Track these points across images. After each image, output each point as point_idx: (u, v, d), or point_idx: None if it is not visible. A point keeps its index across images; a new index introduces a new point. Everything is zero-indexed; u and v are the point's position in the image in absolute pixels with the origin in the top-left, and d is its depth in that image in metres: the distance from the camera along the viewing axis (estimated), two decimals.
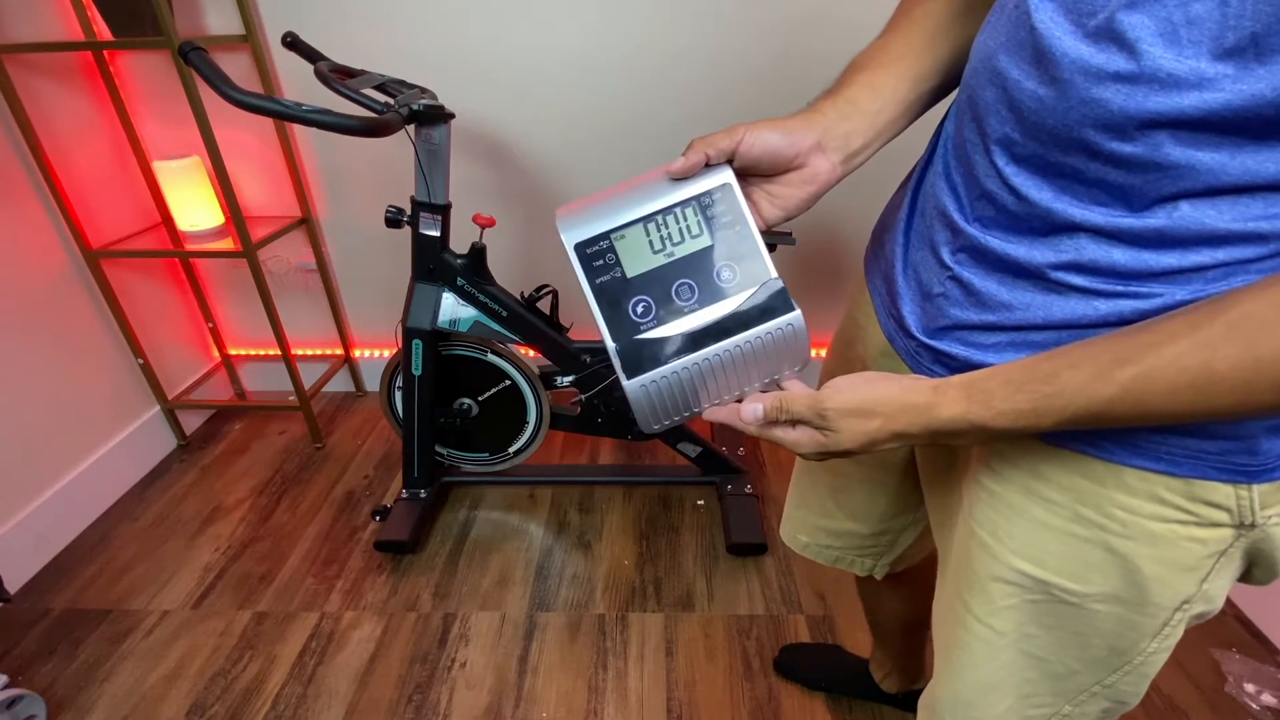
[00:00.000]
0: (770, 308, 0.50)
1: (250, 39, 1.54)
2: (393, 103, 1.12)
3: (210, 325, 1.97)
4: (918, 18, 0.58)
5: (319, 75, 1.08)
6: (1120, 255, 0.41)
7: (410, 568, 1.46)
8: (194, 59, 0.98)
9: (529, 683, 1.22)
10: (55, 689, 1.21)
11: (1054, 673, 0.54)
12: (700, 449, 1.59)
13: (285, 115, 0.98)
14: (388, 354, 2.05)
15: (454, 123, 1.24)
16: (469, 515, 1.61)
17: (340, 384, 2.08)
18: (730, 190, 0.52)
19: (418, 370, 1.40)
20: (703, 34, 1.56)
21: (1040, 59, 0.41)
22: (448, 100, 1.24)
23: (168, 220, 1.75)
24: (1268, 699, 1.16)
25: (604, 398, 1.47)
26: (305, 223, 1.80)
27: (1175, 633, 0.50)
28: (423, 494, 1.57)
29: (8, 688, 1.10)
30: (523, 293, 1.40)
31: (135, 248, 1.63)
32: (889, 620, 1.01)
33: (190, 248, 1.65)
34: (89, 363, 1.60)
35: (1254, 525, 0.44)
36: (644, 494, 1.66)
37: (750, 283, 0.51)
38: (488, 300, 1.34)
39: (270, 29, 1.56)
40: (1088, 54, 0.38)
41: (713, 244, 0.51)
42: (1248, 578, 0.50)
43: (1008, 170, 0.45)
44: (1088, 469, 0.47)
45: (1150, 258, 0.41)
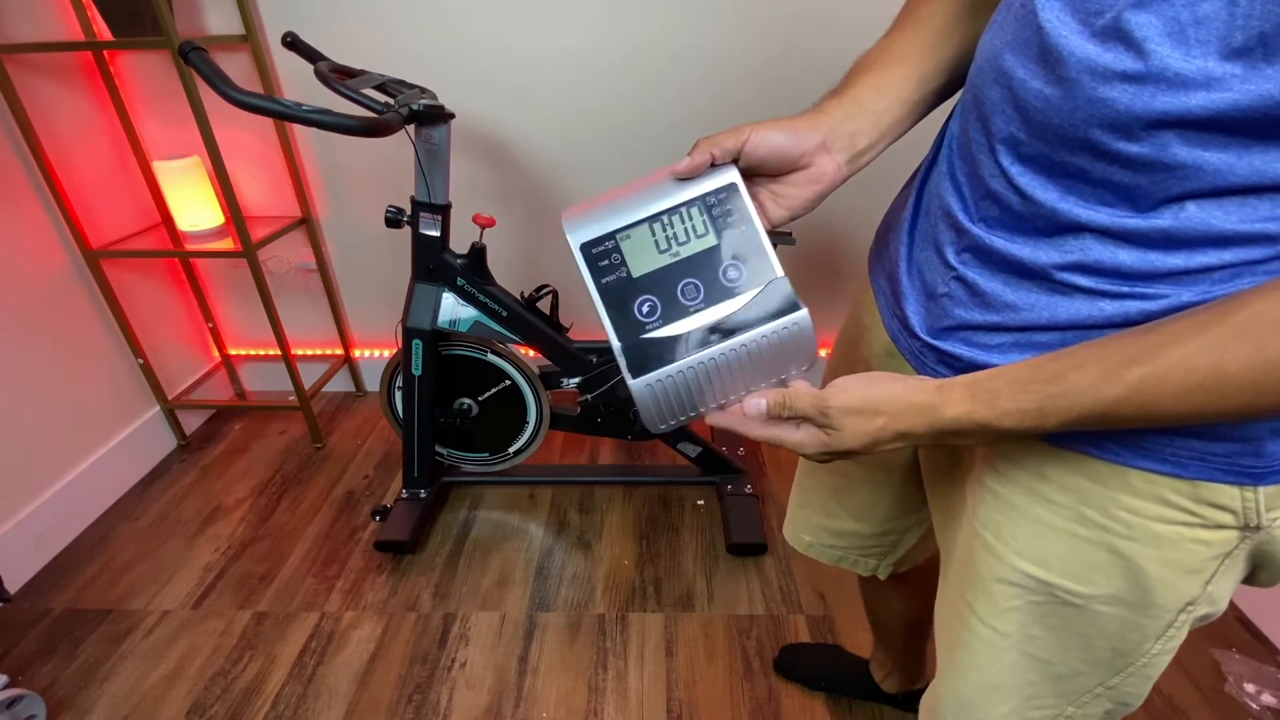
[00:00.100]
0: (777, 306, 0.50)
1: (250, 39, 1.54)
2: (393, 103, 1.12)
3: (210, 325, 1.97)
4: (923, 17, 0.57)
5: (319, 75, 1.08)
6: (1126, 256, 0.41)
7: (410, 568, 1.46)
8: (194, 59, 0.98)
9: (529, 683, 1.22)
10: (55, 689, 1.21)
11: (1057, 674, 0.54)
12: (700, 449, 1.59)
13: (285, 115, 0.98)
14: (388, 354, 2.04)
15: (454, 123, 1.24)
16: (469, 515, 1.61)
17: (340, 384, 2.08)
18: (736, 190, 0.51)
19: (418, 370, 1.40)
20: (703, 34, 1.56)
21: (1046, 58, 0.41)
22: (448, 100, 1.24)
23: (168, 220, 1.75)
24: (1268, 699, 1.16)
25: (604, 398, 1.47)
26: (305, 223, 1.80)
27: (1179, 634, 0.50)
28: (423, 494, 1.57)
29: (8, 688, 1.10)
30: (523, 293, 1.40)
31: (135, 248, 1.63)
32: (891, 620, 1.01)
33: (190, 248, 1.65)
34: (89, 363, 1.60)
35: (1259, 527, 0.44)
36: (644, 494, 1.66)
37: (756, 282, 0.50)
38: (488, 300, 1.34)
39: (270, 29, 1.56)
40: (1094, 53, 0.38)
41: (718, 243, 0.51)
42: (1252, 580, 0.50)
43: (1013, 170, 0.45)
44: (1092, 470, 0.47)
45: (1156, 259, 0.40)
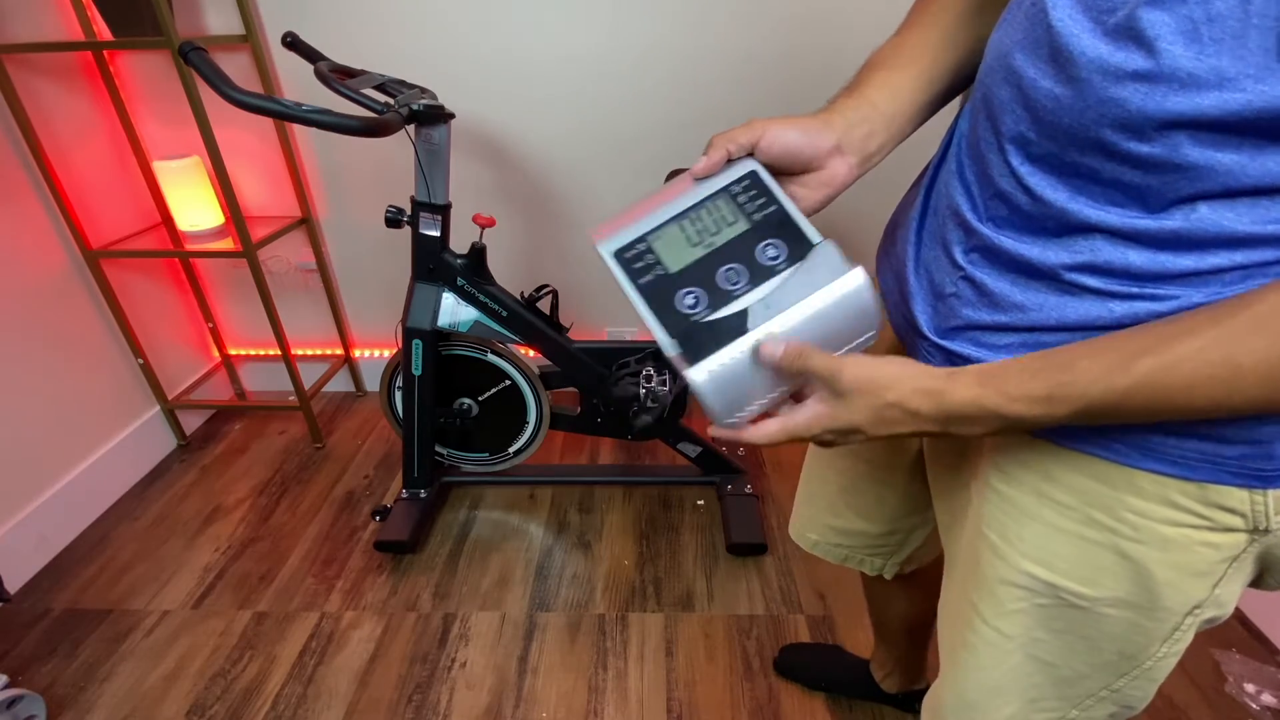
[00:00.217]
0: (826, 271, 0.47)
1: (250, 39, 1.54)
2: (393, 103, 1.12)
3: (210, 325, 1.97)
4: (935, 13, 0.57)
5: (319, 75, 1.08)
6: (1136, 257, 0.41)
7: (410, 568, 1.46)
8: (194, 59, 0.98)
9: (529, 683, 1.22)
10: (55, 689, 1.21)
11: (1061, 677, 0.54)
12: (700, 449, 1.59)
13: (285, 115, 0.98)
14: (388, 354, 2.04)
15: (454, 123, 1.24)
16: (469, 515, 1.61)
17: (340, 384, 2.08)
18: (757, 175, 0.51)
19: (418, 370, 1.40)
20: (704, 34, 1.56)
21: (1057, 57, 0.41)
22: (447, 100, 1.24)
23: (168, 220, 1.75)
24: (1268, 699, 1.16)
25: (604, 398, 1.47)
26: (305, 223, 1.80)
27: (1185, 638, 0.50)
28: (423, 494, 1.57)
29: (8, 688, 1.10)
30: (523, 293, 1.40)
31: (135, 248, 1.63)
32: (894, 620, 1.00)
33: (190, 248, 1.65)
34: (89, 363, 1.60)
35: (1268, 531, 0.44)
36: (644, 494, 1.66)
37: (799, 255, 0.48)
38: (488, 300, 1.34)
39: (270, 29, 1.56)
40: (1106, 52, 0.38)
41: (751, 227, 0.50)
42: (1259, 583, 0.49)
43: (1022, 170, 0.45)
44: (1099, 472, 0.46)
45: (1167, 260, 0.40)
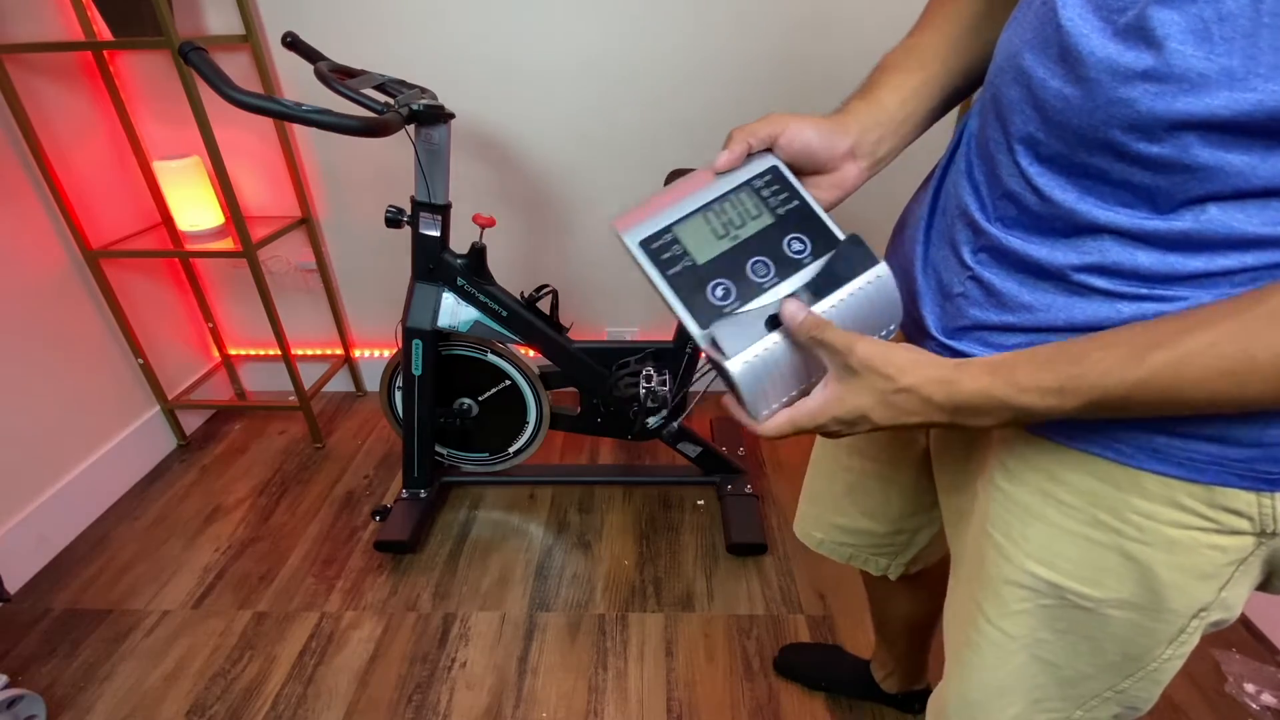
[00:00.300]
0: (854, 264, 0.48)
1: (250, 39, 1.55)
2: (393, 103, 1.12)
3: (210, 325, 1.97)
4: (949, 15, 0.57)
5: (319, 75, 1.08)
6: (1145, 258, 0.41)
7: (410, 568, 1.46)
8: (194, 59, 0.98)
9: (529, 683, 1.22)
10: (55, 689, 1.21)
11: (1065, 678, 0.54)
12: (700, 449, 1.59)
13: (285, 115, 0.98)
14: (388, 354, 2.04)
15: (454, 123, 1.24)
16: (469, 515, 1.61)
17: (340, 384, 2.08)
18: (779, 170, 0.52)
19: (418, 370, 1.40)
20: (704, 36, 1.56)
21: (1066, 57, 0.40)
22: (447, 100, 1.24)
23: (168, 220, 1.75)
24: (1268, 699, 1.16)
25: (604, 397, 1.47)
26: (305, 223, 1.80)
27: (1191, 640, 0.49)
28: (423, 494, 1.57)
29: (8, 688, 1.10)
30: (523, 293, 1.40)
31: (135, 248, 1.63)
32: (896, 620, 1.00)
33: (190, 248, 1.65)
34: (89, 363, 1.60)
35: (1275, 534, 0.44)
36: (644, 494, 1.66)
37: (824, 249, 0.49)
38: (488, 300, 1.34)
39: (270, 29, 1.56)
40: (1115, 52, 0.37)
41: (775, 221, 0.50)
42: (1266, 587, 0.49)
43: (1031, 170, 0.45)
44: (1106, 473, 0.46)
45: (1176, 261, 0.40)
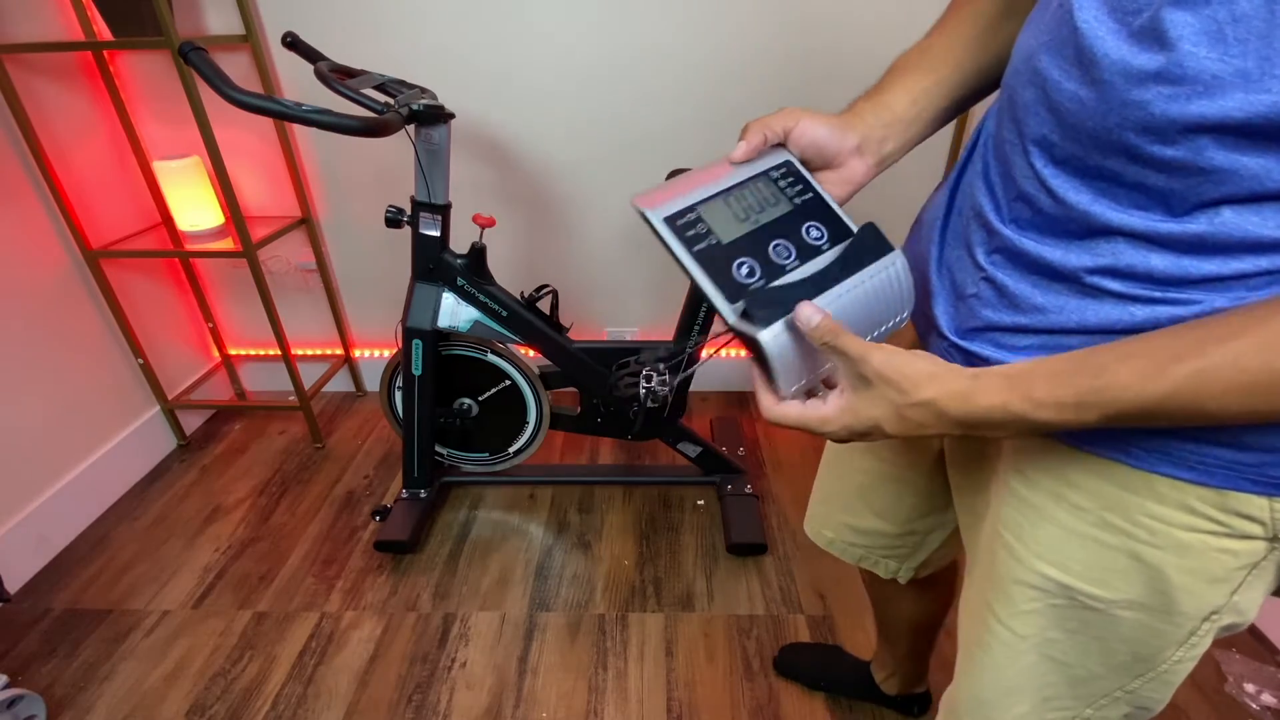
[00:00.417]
0: (870, 251, 0.49)
1: (250, 39, 1.54)
2: (393, 103, 1.12)
3: (210, 325, 1.97)
4: (966, 17, 0.58)
5: (319, 75, 1.08)
6: (1159, 261, 0.40)
7: (410, 568, 1.46)
8: (194, 59, 0.98)
9: (529, 683, 1.22)
10: (55, 689, 1.21)
11: (1075, 676, 0.54)
12: (700, 449, 1.59)
13: (285, 115, 0.98)
14: (388, 354, 2.04)
15: (454, 123, 1.24)
16: (469, 515, 1.61)
17: (340, 384, 2.08)
18: (793, 164, 0.53)
19: (418, 370, 1.40)
20: (705, 36, 1.56)
21: (1081, 59, 0.40)
22: (447, 100, 1.24)
23: (168, 220, 1.75)
24: (1268, 699, 1.16)
25: (604, 397, 1.47)
26: (305, 223, 1.80)
27: (1202, 643, 0.49)
28: (423, 494, 1.57)
29: (8, 688, 1.10)
30: (523, 293, 1.40)
31: (135, 248, 1.63)
32: (900, 622, 1.00)
33: (190, 248, 1.65)
34: (89, 363, 1.60)
35: None
36: (644, 494, 1.66)
37: (840, 238, 0.51)
38: (488, 300, 1.34)
39: (270, 29, 1.56)
40: (1129, 54, 0.37)
41: (793, 209, 0.51)
42: None
43: (1045, 172, 0.45)
44: (1117, 476, 0.46)
45: (1190, 264, 0.40)
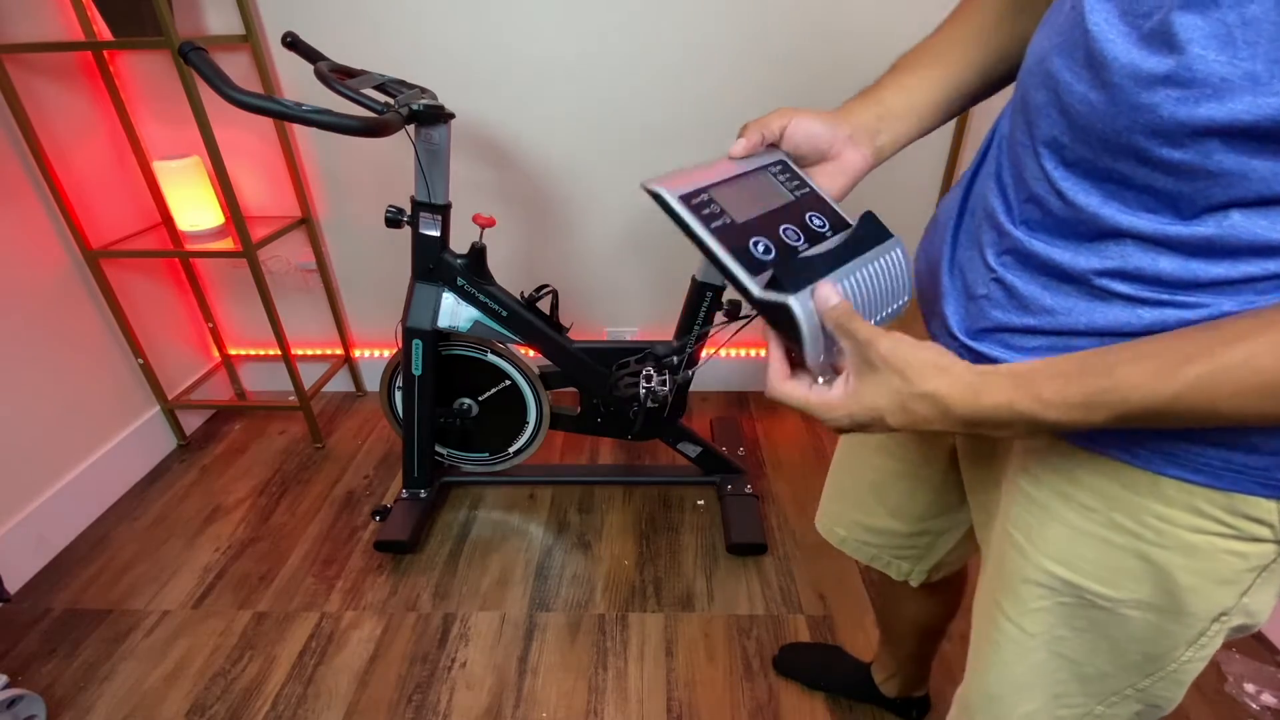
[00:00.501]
0: (871, 238, 0.51)
1: (250, 39, 1.54)
2: (393, 103, 1.12)
3: (210, 325, 1.97)
4: (969, 16, 0.59)
5: (319, 75, 1.08)
6: (1167, 264, 0.40)
7: (410, 568, 1.46)
8: (194, 59, 0.98)
9: (529, 683, 1.22)
10: (55, 689, 1.21)
11: (1085, 674, 0.54)
12: (700, 449, 1.59)
13: (285, 115, 0.98)
14: (388, 354, 2.04)
15: (454, 123, 1.24)
16: (469, 515, 1.61)
17: (340, 384, 2.08)
18: (787, 163, 0.56)
19: (418, 370, 1.40)
20: (704, 35, 1.56)
21: (1091, 62, 0.40)
22: (448, 100, 1.24)
23: (168, 220, 1.75)
24: (1268, 699, 1.16)
25: (604, 397, 1.47)
26: (305, 223, 1.80)
27: (1213, 643, 0.49)
28: (423, 494, 1.57)
29: (8, 688, 1.10)
30: (523, 293, 1.40)
31: (135, 248, 1.63)
32: (904, 625, 0.99)
33: (190, 248, 1.65)
34: (89, 363, 1.60)
35: None
36: (644, 494, 1.66)
37: (840, 226, 0.53)
38: (488, 300, 1.34)
39: (270, 29, 1.56)
40: (1139, 57, 0.37)
41: (794, 199, 0.53)
42: None
43: (1056, 174, 0.45)
44: (1125, 477, 0.46)
45: (1198, 267, 0.40)
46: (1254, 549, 0.44)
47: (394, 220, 1.27)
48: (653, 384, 1.40)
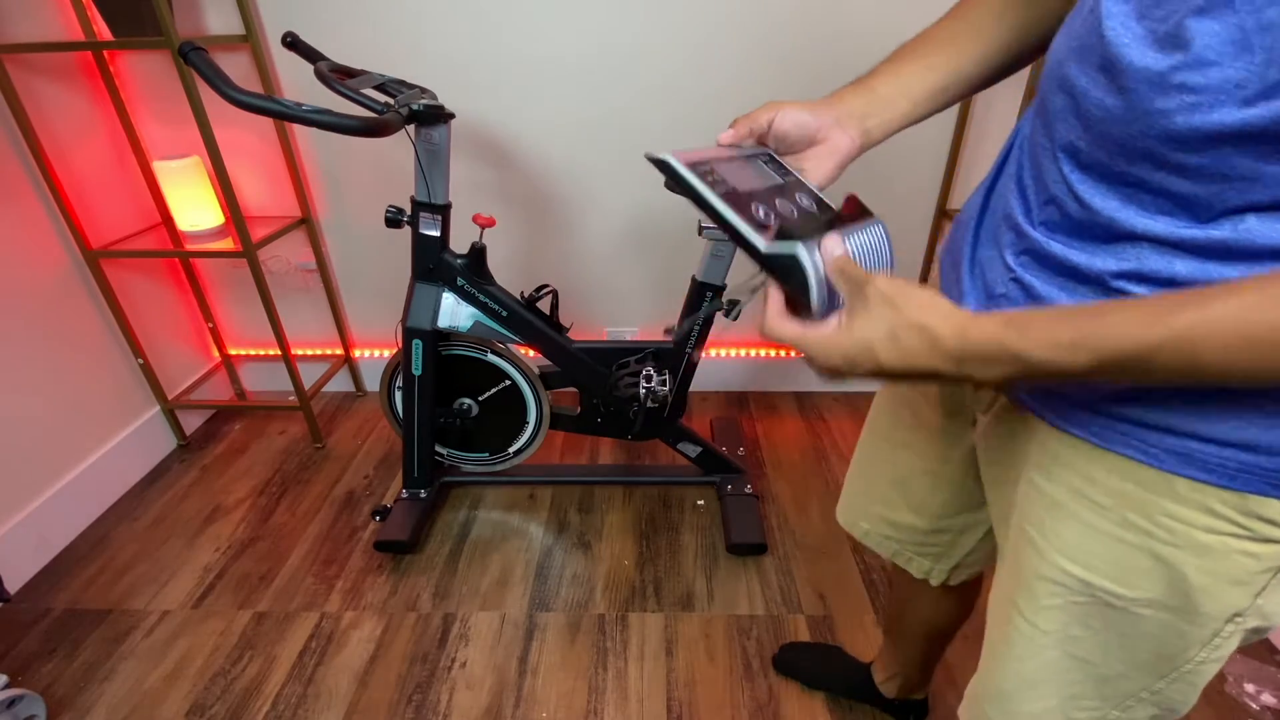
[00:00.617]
0: (858, 215, 0.54)
1: (250, 39, 1.54)
2: (393, 103, 1.12)
3: (210, 325, 1.97)
4: (970, 7, 0.60)
5: (319, 75, 1.08)
6: (1182, 266, 0.41)
7: (410, 568, 1.46)
8: (194, 59, 0.98)
9: (529, 683, 1.22)
10: (55, 689, 1.21)
11: (1100, 675, 0.54)
12: (700, 449, 1.59)
13: (285, 115, 0.98)
14: (388, 354, 2.04)
15: (454, 123, 1.24)
16: (469, 515, 1.61)
17: (340, 384, 2.08)
18: (774, 157, 0.59)
19: (418, 370, 1.40)
20: (705, 36, 1.56)
21: (1107, 67, 0.41)
22: (448, 100, 1.24)
23: (168, 220, 1.75)
24: (1268, 699, 1.16)
25: (604, 397, 1.47)
26: (305, 223, 1.80)
27: (1227, 644, 0.49)
28: (423, 494, 1.57)
29: (8, 688, 1.10)
30: (523, 293, 1.40)
31: (135, 248, 1.63)
32: (915, 625, 0.99)
33: (190, 248, 1.65)
34: (89, 363, 1.60)
35: None
36: (644, 494, 1.66)
37: (827, 209, 0.55)
38: (488, 300, 1.34)
39: (270, 29, 1.56)
40: (1153, 62, 0.38)
41: (783, 183, 0.56)
42: None
43: (1073, 177, 0.45)
44: (1138, 475, 0.47)
45: (1214, 270, 0.40)
46: (1268, 550, 0.44)
47: (394, 220, 1.27)
48: (653, 384, 1.40)
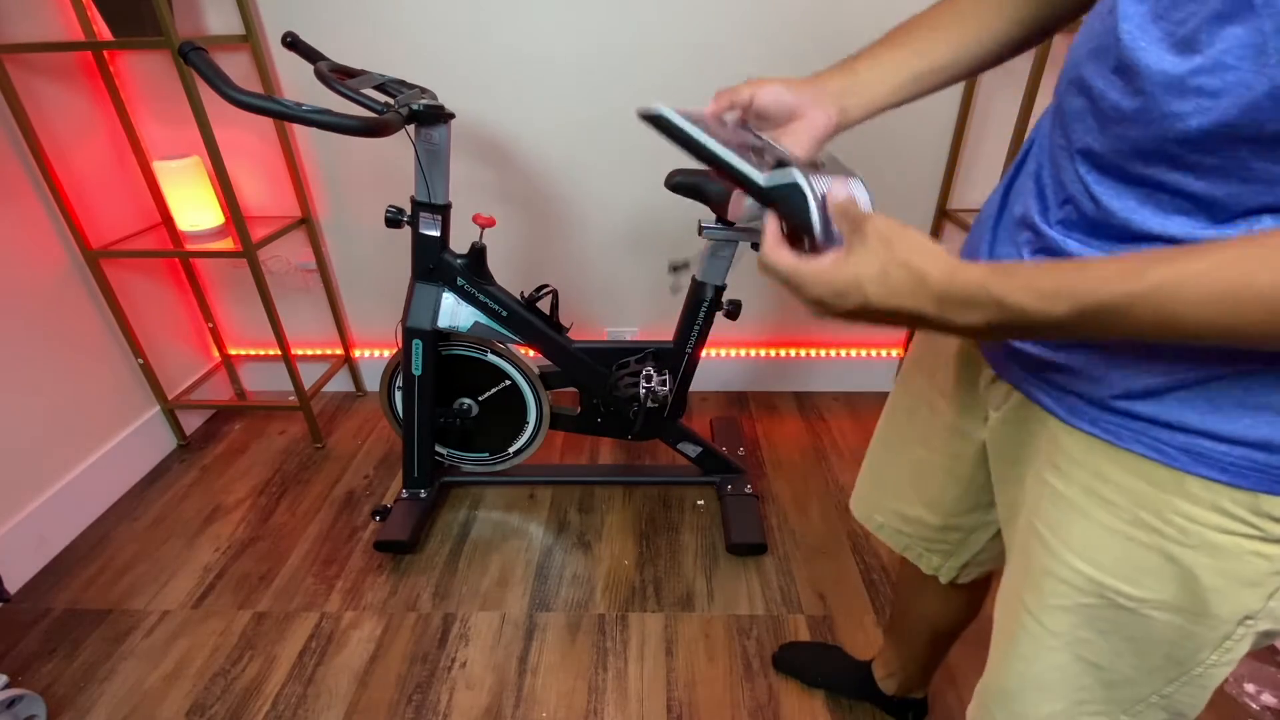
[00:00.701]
0: (834, 171, 0.55)
1: (250, 39, 1.54)
2: (393, 103, 1.12)
3: (210, 325, 1.97)
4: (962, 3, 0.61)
5: (319, 75, 1.08)
6: None
7: (410, 568, 1.46)
8: (194, 59, 0.98)
9: (529, 683, 1.22)
10: (55, 689, 1.21)
11: (1109, 680, 0.54)
12: (700, 449, 1.59)
13: (285, 115, 0.98)
14: (388, 354, 2.04)
15: (454, 123, 1.24)
16: (469, 515, 1.61)
17: (340, 384, 2.08)
18: (752, 130, 0.60)
19: (418, 370, 1.40)
20: (704, 33, 1.56)
21: (1123, 70, 0.41)
22: (447, 100, 1.24)
23: (168, 220, 1.75)
24: (1268, 699, 1.16)
25: (604, 397, 1.47)
26: (305, 223, 1.80)
27: (1238, 647, 0.49)
28: (423, 494, 1.57)
29: (8, 688, 1.10)
30: (523, 293, 1.40)
31: (135, 248, 1.63)
32: (920, 623, 0.98)
33: (190, 248, 1.65)
34: (89, 363, 1.60)
35: None
36: (644, 494, 1.66)
37: (803, 168, 0.55)
38: (488, 300, 1.34)
39: (270, 29, 1.56)
40: (1170, 65, 0.38)
41: (766, 144, 0.57)
42: None
43: (1090, 177, 0.46)
44: (1150, 474, 0.47)
45: None
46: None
47: (394, 220, 1.28)
48: (653, 384, 1.40)
